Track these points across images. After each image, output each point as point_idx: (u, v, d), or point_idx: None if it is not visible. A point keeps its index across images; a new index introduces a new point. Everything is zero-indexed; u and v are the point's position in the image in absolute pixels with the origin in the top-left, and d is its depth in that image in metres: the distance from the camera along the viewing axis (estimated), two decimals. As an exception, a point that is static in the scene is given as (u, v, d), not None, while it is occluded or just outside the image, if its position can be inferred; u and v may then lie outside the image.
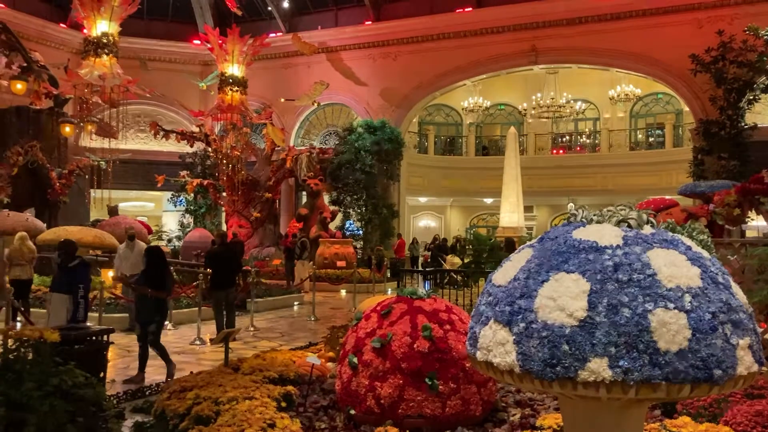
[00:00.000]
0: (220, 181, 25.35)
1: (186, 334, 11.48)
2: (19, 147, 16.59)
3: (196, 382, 5.74)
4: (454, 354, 4.70)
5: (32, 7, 27.91)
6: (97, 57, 17.92)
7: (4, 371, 3.60)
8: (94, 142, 21.09)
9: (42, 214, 16.81)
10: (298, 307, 16.22)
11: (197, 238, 20.84)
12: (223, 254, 11.24)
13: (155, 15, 29.77)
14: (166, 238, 28.71)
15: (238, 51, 22.69)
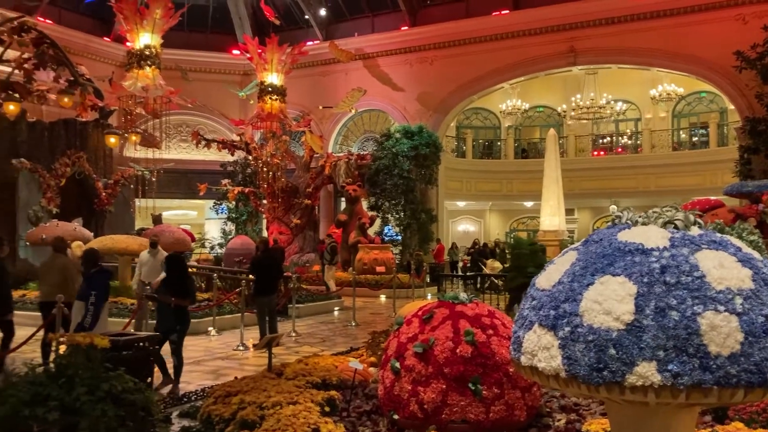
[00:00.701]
0: (261, 189, 25.65)
1: (229, 339, 11.63)
2: (67, 158, 17.04)
3: (241, 387, 5.81)
4: (498, 359, 4.67)
5: (77, 22, 28.74)
6: (141, 69, 18.32)
7: (58, 376, 3.71)
8: (138, 152, 21.57)
9: (89, 223, 17.22)
10: (339, 313, 16.30)
11: (239, 245, 21.09)
12: (266, 261, 11.38)
13: (195, 27, 30.33)
14: (209, 245, 29.18)
15: (276, 60, 22.96)
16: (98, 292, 7.36)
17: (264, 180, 24.71)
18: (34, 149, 16.93)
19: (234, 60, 30.44)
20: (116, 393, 3.68)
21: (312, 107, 28.40)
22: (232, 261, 19.71)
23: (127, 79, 18.55)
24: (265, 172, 24.45)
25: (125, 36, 19.41)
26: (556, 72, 26.98)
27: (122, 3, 18.33)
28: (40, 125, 17.53)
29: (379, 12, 29.30)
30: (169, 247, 16.87)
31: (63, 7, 28.74)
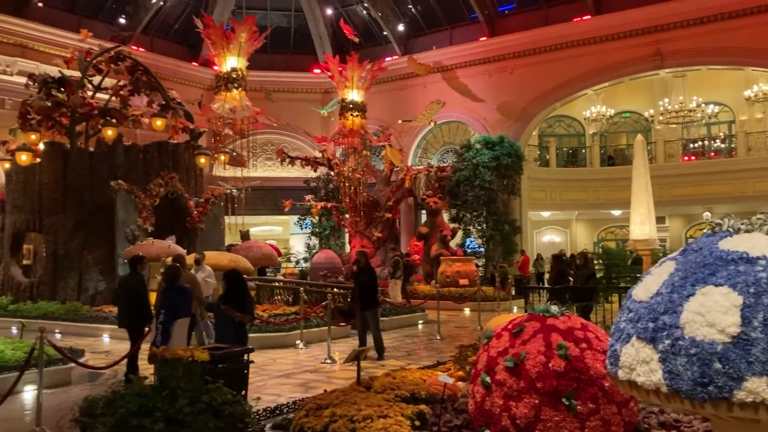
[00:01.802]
0: (343, 203, 26.03)
1: (316, 352, 11.81)
2: (161, 179, 17.81)
3: (331, 400, 5.88)
4: (592, 373, 4.54)
5: (167, 49, 30.17)
6: (228, 91, 19.01)
7: (161, 389, 3.88)
8: (227, 171, 22.34)
9: (182, 240, 17.93)
10: (423, 326, 16.26)
11: (323, 260, 21.46)
12: (366, 275, 11.56)
13: (278, 48, 31.26)
14: (294, 259, 29.82)
15: (357, 77, 23.32)
16: (167, 310, 7.31)
17: (346, 194, 25.07)
18: (130, 171, 17.80)
19: (315, 79, 31.14)
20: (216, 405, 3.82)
21: (391, 121, 28.65)
22: (317, 275, 20.07)
23: (215, 102, 19.28)
24: (347, 187, 24.80)
25: (212, 60, 20.19)
26: (642, 76, 26.15)
27: (210, 29, 19.10)
28: (135, 148, 18.43)
29: (457, 24, 29.31)
30: (258, 262, 17.43)
31: (154, 35, 30.25)
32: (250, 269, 15.37)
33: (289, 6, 31.76)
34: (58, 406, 7.13)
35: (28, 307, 16.32)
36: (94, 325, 14.51)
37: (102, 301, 16.31)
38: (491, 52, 27.50)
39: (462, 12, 28.82)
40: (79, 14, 27.55)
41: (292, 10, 31.88)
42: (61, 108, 18.39)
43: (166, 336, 7.20)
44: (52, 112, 18.27)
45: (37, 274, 17.90)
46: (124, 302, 9.11)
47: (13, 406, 7.61)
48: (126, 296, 9.04)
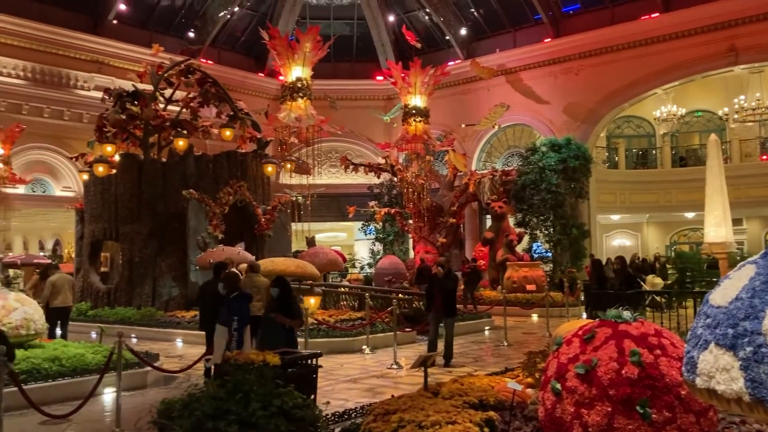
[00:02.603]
0: (406, 209, 26.06)
1: (382, 358, 11.84)
2: (230, 188, 18.26)
3: (399, 405, 5.89)
4: (668, 380, 4.39)
5: (234, 61, 30.99)
6: (293, 101, 19.36)
7: (234, 392, 3.98)
8: (292, 179, 22.73)
9: (250, 247, 18.33)
10: (489, 332, 16.09)
11: (388, 265, 21.50)
12: (452, 280, 11.59)
13: (341, 57, 31.64)
14: (359, 265, 30.04)
15: (420, 82, 23.35)
16: (240, 317, 7.41)
17: (409, 200, 25.09)
18: (201, 181, 18.32)
19: (378, 86, 31.39)
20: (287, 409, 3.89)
21: (454, 126, 28.54)
22: (381, 281, 20.12)
23: (281, 111, 19.66)
24: (410, 193, 24.82)
25: (278, 71, 20.60)
26: (715, 73, 25.23)
27: (275, 40, 19.50)
28: (205, 158, 18.97)
29: (521, 26, 29.00)
30: (324, 268, 17.64)
31: (222, 47, 31.12)
32: (317, 275, 15.55)
33: (352, 14, 32.12)
34: (135, 408, 7.39)
35: (106, 312, 17.00)
36: (167, 329, 14.97)
37: (175, 306, 16.80)
38: (556, 54, 27.07)
39: (525, 14, 28.50)
40: (151, 30, 28.62)
41: (354, 19, 32.21)
42: (135, 120, 19.11)
43: (240, 342, 7.36)
44: (126, 124, 19.01)
45: (114, 280, 18.62)
46: (207, 306, 9.30)
47: (94, 407, 7.94)
48: (210, 301, 9.25)
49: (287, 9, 31.13)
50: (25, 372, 8.25)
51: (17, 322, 9.93)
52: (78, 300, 17.68)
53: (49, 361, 8.79)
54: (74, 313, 15.75)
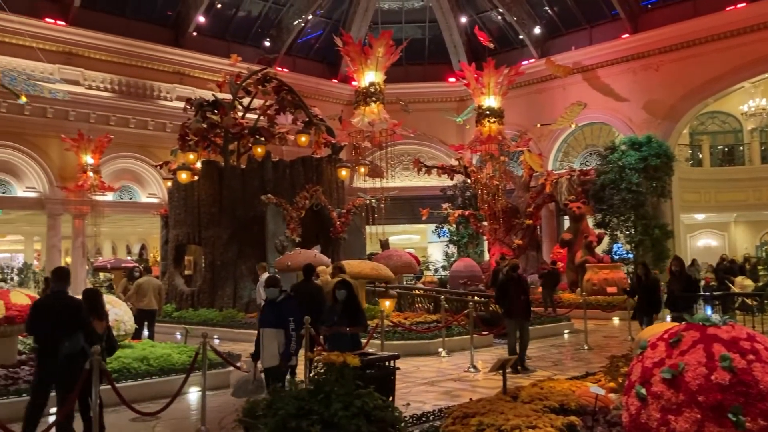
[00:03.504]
0: (481, 211, 25.82)
1: (459, 361, 11.77)
2: (306, 192, 18.61)
3: (477, 409, 5.85)
4: (762, 387, 4.19)
5: (309, 68, 31.60)
6: (367, 105, 19.54)
7: (316, 392, 4.06)
8: (366, 182, 22.92)
9: (326, 250, 18.60)
10: (569, 336, 15.75)
11: (462, 268, 21.37)
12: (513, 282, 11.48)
13: (413, 60, 31.74)
14: (433, 268, 29.98)
15: (493, 83, 23.12)
16: (296, 318, 7.23)
17: (484, 202, 24.85)
18: (278, 186, 18.74)
19: (450, 87, 31.33)
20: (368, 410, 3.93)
21: (529, 126, 28.11)
22: (456, 283, 20.02)
23: (355, 116, 19.87)
24: (485, 194, 24.58)
25: (351, 76, 20.83)
26: (808, 64, 23.91)
27: (348, 46, 19.74)
28: (282, 164, 19.40)
29: (597, 23, 28.32)
30: (398, 270, 17.69)
31: (296, 55, 31.78)
32: (391, 277, 15.62)
33: (423, 17, 32.18)
34: (219, 407, 7.62)
35: (189, 314, 17.61)
36: (248, 331, 15.34)
37: (255, 308, 17.18)
38: (635, 49, 26.27)
39: (602, 10, 27.81)
40: (229, 40, 29.53)
41: (426, 22, 32.26)
42: (216, 129, 19.74)
43: (298, 343, 7.36)
44: (207, 133, 19.66)
45: (197, 283, 19.27)
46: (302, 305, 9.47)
47: (180, 406, 8.24)
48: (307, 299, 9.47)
49: (360, 15, 31.46)
50: (116, 371, 8.64)
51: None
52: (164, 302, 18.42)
53: (138, 361, 9.18)
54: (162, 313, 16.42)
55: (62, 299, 6.50)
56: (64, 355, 6.08)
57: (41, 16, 23.79)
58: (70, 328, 6.24)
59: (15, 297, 9.07)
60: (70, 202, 23.72)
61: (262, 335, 7.19)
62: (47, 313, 6.39)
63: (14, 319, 8.79)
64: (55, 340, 6.21)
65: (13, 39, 22.12)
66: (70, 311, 6.33)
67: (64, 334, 6.18)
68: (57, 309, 6.33)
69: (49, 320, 6.27)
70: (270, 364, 7.06)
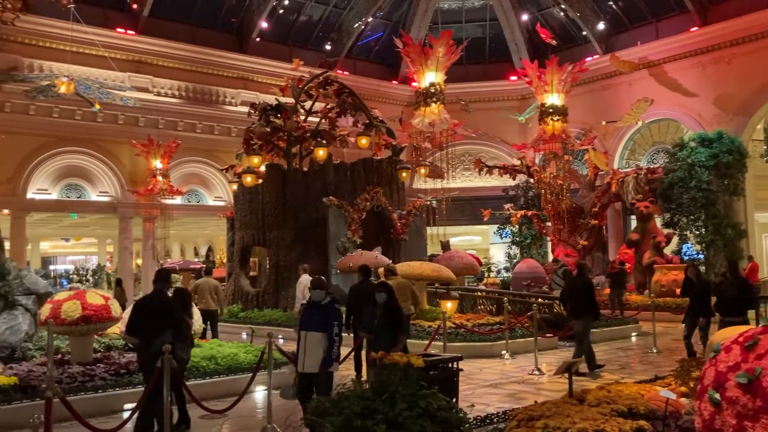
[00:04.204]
0: (544, 211, 25.44)
1: (523, 363, 11.64)
2: (367, 194, 18.73)
3: (543, 411, 5.76)
4: None
5: (369, 70, 31.81)
6: (427, 106, 19.54)
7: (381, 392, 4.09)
8: (427, 183, 22.91)
9: (387, 251, 18.68)
10: (636, 338, 15.35)
11: (526, 269, 21.09)
12: (579, 284, 11.33)
13: (473, 59, 31.54)
14: (495, 269, 29.69)
15: (556, 80, 22.75)
16: (339, 322, 6.97)
17: (547, 202, 24.48)
18: (340, 188, 18.93)
19: (511, 86, 31.01)
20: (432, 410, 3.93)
21: (594, 123, 27.53)
22: (519, 285, 19.78)
23: (415, 117, 19.90)
24: (548, 194, 24.21)
25: (411, 77, 20.87)
26: None
27: (409, 47, 19.79)
28: (343, 166, 19.58)
29: (664, 16, 27.50)
30: (460, 272, 17.62)
31: (356, 57, 32.03)
32: (453, 279, 15.57)
33: (484, 16, 31.95)
34: (285, 406, 7.74)
35: (255, 314, 17.97)
36: (311, 331, 15.57)
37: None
38: (704, 42, 25.38)
39: (669, 3, 26.99)
40: (291, 45, 30.03)
41: (486, 20, 32.03)
42: (279, 132, 20.10)
43: (339, 346, 7.13)
44: (271, 136, 20.04)
45: (262, 284, 19.65)
46: (354, 308, 9.57)
47: (247, 404, 8.43)
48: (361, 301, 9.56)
49: (419, 15, 31.48)
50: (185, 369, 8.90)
51: (178, 322, 10.73)
52: (229, 303, 18.89)
53: (206, 360, 9.44)
54: (226, 314, 16.82)
55: (159, 299, 7.09)
56: (153, 352, 6.50)
57: (113, 27, 24.74)
58: (162, 325, 6.75)
59: (91, 297, 9.46)
60: (140, 205, 24.59)
61: (305, 339, 6.83)
62: (145, 311, 7.00)
63: (90, 318, 9.18)
64: (148, 336, 6.76)
65: (87, 49, 23.05)
66: (164, 310, 6.90)
67: (156, 332, 6.69)
68: (154, 308, 6.95)
69: (146, 318, 6.88)
70: (311, 370, 6.78)
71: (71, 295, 9.46)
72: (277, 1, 28.12)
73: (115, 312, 9.65)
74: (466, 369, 10.61)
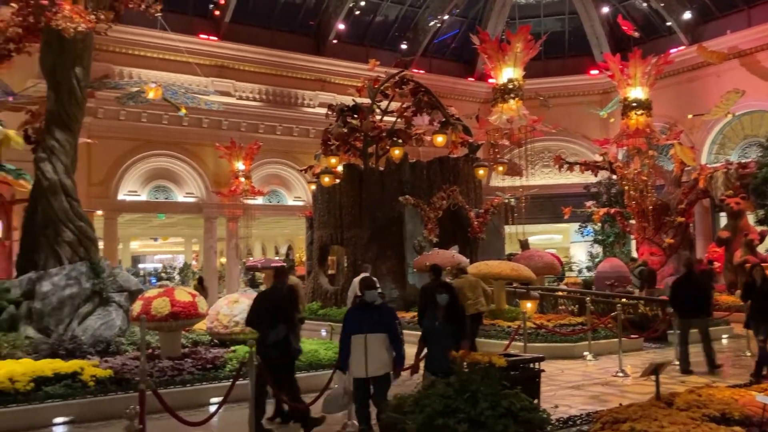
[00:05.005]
0: (628, 209, 24.63)
1: (606, 365, 11.36)
2: (443, 192, 18.67)
3: (629, 414, 5.59)
4: None
5: (444, 68, 31.74)
6: (505, 102, 19.27)
7: (462, 391, 4.07)
8: (504, 181, 22.62)
9: (464, 250, 18.52)
10: (728, 341, 14.66)
11: (609, 268, 20.50)
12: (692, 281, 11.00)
13: (552, 54, 30.92)
14: (576, 269, 29.01)
15: (640, 73, 21.98)
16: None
17: (631, 199, 23.68)
18: (416, 187, 18.94)
19: (592, 80, 30.26)
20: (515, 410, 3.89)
21: (679, 117, 26.45)
22: (602, 284, 19.26)
23: (492, 114, 19.67)
24: (632, 191, 23.42)
25: (488, 74, 20.64)
26: None
27: (485, 43, 19.57)
28: (419, 165, 19.58)
29: (756, 3, 26.15)
30: (540, 271, 17.31)
31: (432, 56, 31.99)
32: (533, 278, 15.31)
33: (563, 10, 31.29)
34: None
35: (333, 311, 18.24)
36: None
37: (394, 307, 17.47)
38: (802, 29, 23.99)
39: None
40: (367, 45, 30.31)
41: (565, 14, 31.37)
42: (355, 133, 20.31)
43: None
44: (348, 137, 20.27)
45: (340, 282, 19.91)
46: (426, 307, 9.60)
47: (328, 400, 8.55)
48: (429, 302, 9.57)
49: (496, 11, 31.14)
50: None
51: (261, 319, 11.02)
52: (309, 300, 19.26)
53: (287, 356, 9.64)
54: (306, 312, 17.14)
55: (279, 293, 7.52)
56: (269, 343, 6.94)
57: (197, 33, 25.66)
58: (279, 318, 7.11)
59: (179, 294, 9.84)
60: (224, 206, 25.39)
61: (365, 342, 6.42)
62: (264, 304, 7.45)
63: (179, 314, 9.55)
64: (264, 328, 7.16)
65: (173, 56, 24.00)
66: (282, 304, 7.30)
67: (272, 324, 7.08)
68: (273, 301, 7.38)
69: (265, 311, 7.32)
70: (377, 374, 6.42)
71: (161, 293, 9.87)
72: (354, 3, 28.40)
73: (202, 309, 10.00)
74: (547, 370, 10.38)
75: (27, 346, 10.04)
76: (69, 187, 11.96)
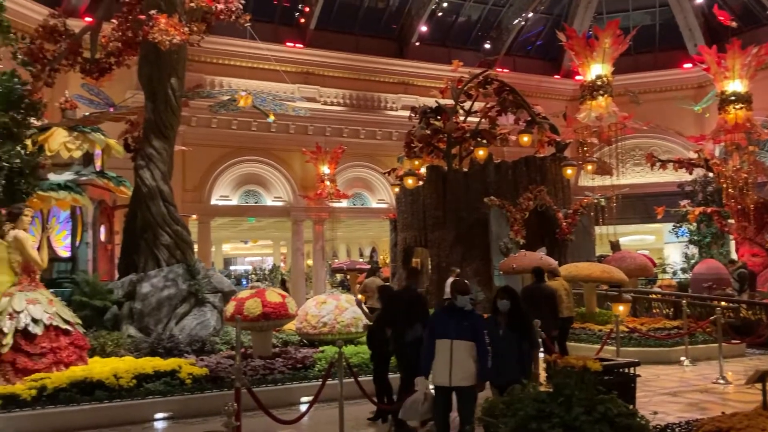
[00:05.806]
0: (726, 207, 23.41)
1: (704, 371, 10.90)
2: (529, 193, 18.31)
3: (733, 423, 5.31)
4: None
5: (529, 66, 31.22)
6: (593, 99, 18.74)
7: (556, 395, 3.99)
8: (594, 181, 21.99)
9: (552, 252, 18.10)
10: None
11: (705, 270, 19.59)
12: None
13: (642, 48, 29.86)
14: (671, 270, 27.87)
15: (739, 65, 20.87)
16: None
17: (729, 197, 22.50)
18: (501, 187, 18.66)
19: (685, 74, 29.02)
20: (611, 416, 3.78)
21: (784, 110, 24.93)
22: (699, 287, 18.43)
23: (581, 112, 19.17)
24: (731, 189, 22.25)
25: (575, 71, 20.14)
26: None
27: (572, 40, 19.12)
28: (504, 165, 19.30)
29: None
30: (632, 273, 16.74)
31: (516, 54, 31.52)
32: (625, 280, 14.80)
33: (653, 2, 30.19)
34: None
35: (419, 314, 18.20)
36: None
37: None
38: None
39: None
40: (450, 46, 30.19)
41: (656, 6, 30.22)
42: (439, 134, 20.28)
43: None
44: (431, 139, 20.27)
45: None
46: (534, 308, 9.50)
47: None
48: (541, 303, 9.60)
49: (582, 7, 30.36)
50: (356, 366, 9.23)
51: (348, 320, 11.21)
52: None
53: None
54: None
55: (412, 294, 7.92)
56: (407, 342, 7.22)
57: (283, 41, 26.32)
58: (414, 318, 7.40)
59: (270, 296, 10.12)
60: (311, 209, 25.94)
61: (451, 348, 5.96)
62: (399, 305, 7.81)
63: (270, 315, 9.83)
64: (399, 328, 7.49)
65: (261, 64, 24.76)
66: (416, 304, 7.67)
67: (407, 324, 7.38)
68: (407, 302, 7.72)
69: (399, 311, 7.66)
70: (461, 384, 5.96)
71: (252, 294, 10.18)
72: (436, 4, 28.37)
73: (291, 309, 10.25)
74: (641, 375, 10.07)
75: (129, 344, 10.59)
76: (166, 192, 12.53)
